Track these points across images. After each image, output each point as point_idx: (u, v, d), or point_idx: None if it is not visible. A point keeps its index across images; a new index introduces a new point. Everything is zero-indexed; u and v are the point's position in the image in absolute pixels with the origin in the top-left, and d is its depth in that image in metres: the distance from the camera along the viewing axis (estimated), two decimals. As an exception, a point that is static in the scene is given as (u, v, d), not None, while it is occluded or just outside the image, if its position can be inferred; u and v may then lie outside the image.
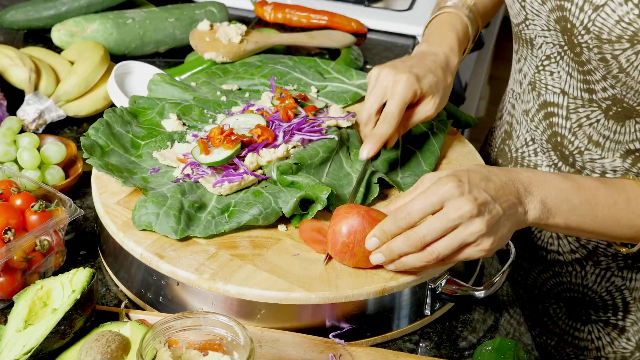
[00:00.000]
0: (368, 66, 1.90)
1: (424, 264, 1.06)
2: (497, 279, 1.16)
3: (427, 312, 1.17)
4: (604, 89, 1.21)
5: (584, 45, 1.18)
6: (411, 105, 1.30)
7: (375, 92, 1.28)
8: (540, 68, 1.30)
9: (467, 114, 1.55)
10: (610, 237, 1.16)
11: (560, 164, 1.36)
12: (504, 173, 1.08)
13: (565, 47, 1.23)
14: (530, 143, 1.40)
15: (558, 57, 1.26)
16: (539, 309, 1.50)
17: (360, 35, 1.99)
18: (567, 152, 1.33)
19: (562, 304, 1.47)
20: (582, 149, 1.31)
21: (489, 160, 1.55)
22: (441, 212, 1.03)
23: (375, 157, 1.30)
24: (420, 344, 1.16)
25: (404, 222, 1.05)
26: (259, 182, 1.25)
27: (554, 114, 1.31)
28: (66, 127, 1.58)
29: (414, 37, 2.05)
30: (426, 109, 1.30)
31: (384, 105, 1.28)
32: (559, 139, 1.33)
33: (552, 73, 1.29)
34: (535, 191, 1.08)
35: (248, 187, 1.23)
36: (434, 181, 1.06)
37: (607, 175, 1.31)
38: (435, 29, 1.41)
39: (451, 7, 1.43)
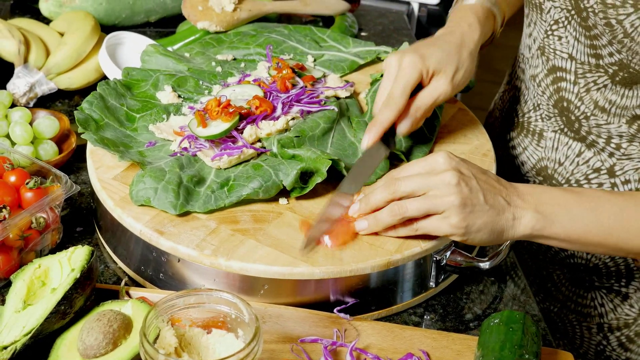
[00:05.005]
0: (363, 33, 1.87)
1: (391, 218, 1.07)
2: (502, 250, 1.14)
3: (432, 284, 1.16)
4: (611, 54, 1.20)
5: (589, 9, 1.17)
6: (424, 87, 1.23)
7: (384, 81, 1.21)
8: (549, 33, 1.29)
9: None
10: (623, 250, 1.05)
11: (565, 129, 1.35)
12: (500, 180, 1.09)
13: (573, 12, 1.22)
14: (537, 108, 1.39)
15: (566, 22, 1.24)
16: (543, 274, 1.50)
17: (354, 1, 1.96)
18: (573, 118, 1.32)
19: (566, 270, 1.46)
20: (588, 114, 1.29)
21: (494, 125, 1.53)
22: (425, 173, 1.07)
23: (388, 142, 1.20)
24: (425, 317, 1.15)
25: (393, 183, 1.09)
26: (258, 155, 1.23)
27: (562, 79, 1.30)
28: (57, 101, 1.55)
29: (407, 3, 2.02)
30: (438, 85, 1.20)
31: None
32: (565, 104, 1.31)
33: (560, 38, 1.27)
34: (529, 199, 1.05)
35: (247, 161, 1.21)
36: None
37: (613, 140, 1.30)
38: (454, 14, 1.32)
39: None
